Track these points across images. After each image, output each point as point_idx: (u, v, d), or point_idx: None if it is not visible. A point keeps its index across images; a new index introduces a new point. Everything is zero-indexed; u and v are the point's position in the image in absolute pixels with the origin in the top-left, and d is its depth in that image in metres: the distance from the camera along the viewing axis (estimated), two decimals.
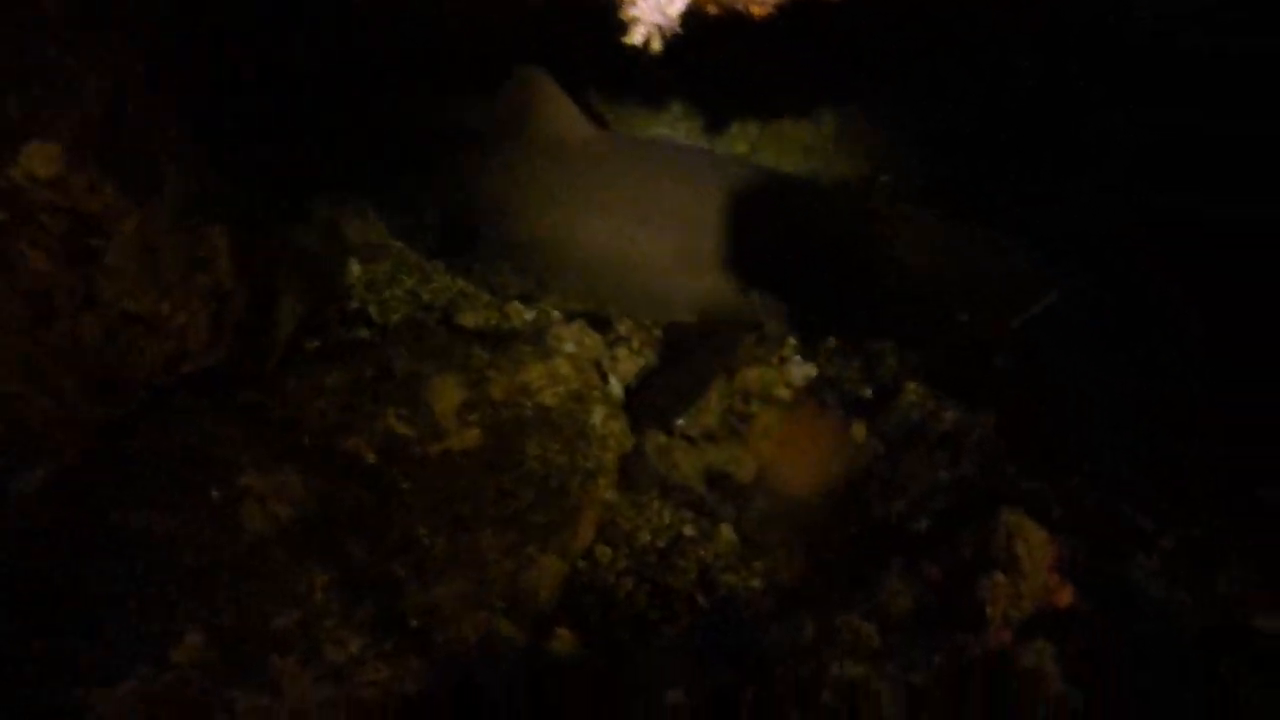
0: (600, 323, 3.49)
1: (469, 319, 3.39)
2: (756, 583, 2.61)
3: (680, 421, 3.11)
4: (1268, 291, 2.57)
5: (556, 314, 3.52)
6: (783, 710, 2.05)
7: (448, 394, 2.53)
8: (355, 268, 3.66)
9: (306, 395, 2.47)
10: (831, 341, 3.45)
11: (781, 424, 3.01)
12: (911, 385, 3.07)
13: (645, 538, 2.74)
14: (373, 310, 3.29)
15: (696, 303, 3.24)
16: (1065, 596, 2.32)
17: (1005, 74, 4.24)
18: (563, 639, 2.20)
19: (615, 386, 2.93)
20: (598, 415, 2.68)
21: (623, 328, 3.47)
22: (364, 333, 3.24)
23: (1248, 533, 2.14)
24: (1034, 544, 2.30)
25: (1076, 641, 2.25)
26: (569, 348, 2.88)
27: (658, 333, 3.42)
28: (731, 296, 3.19)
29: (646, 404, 3.04)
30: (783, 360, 3.38)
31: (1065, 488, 2.62)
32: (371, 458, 2.36)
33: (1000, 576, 2.23)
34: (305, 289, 3.30)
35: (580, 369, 2.78)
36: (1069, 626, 2.28)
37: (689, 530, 2.77)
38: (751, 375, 3.30)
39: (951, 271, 2.87)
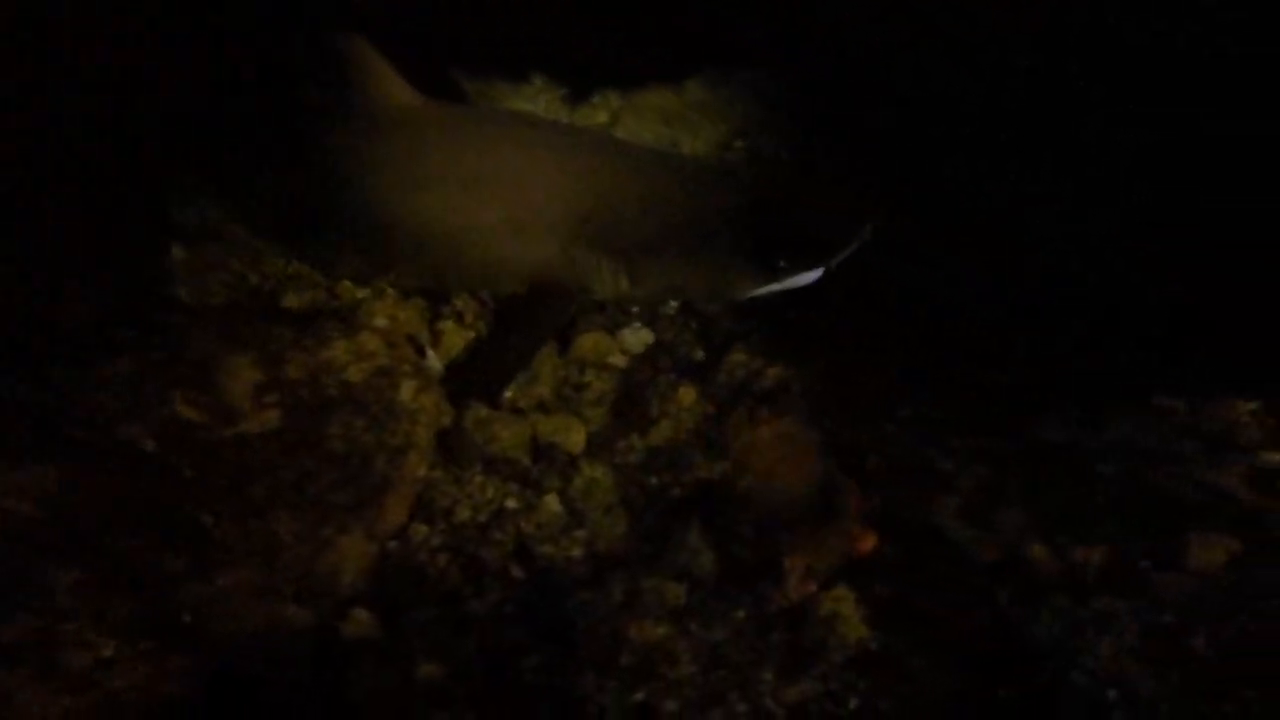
0: (436, 298, 3.41)
1: (293, 301, 3.24)
2: (577, 551, 2.58)
3: (508, 394, 3.05)
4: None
5: (392, 291, 3.40)
6: (578, 674, 2.03)
7: (242, 375, 2.42)
8: (178, 252, 3.46)
9: (81, 385, 2.32)
10: (672, 307, 3.44)
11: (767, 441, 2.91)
12: (740, 345, 3.07)
13: (465, 513, 2.67)
14: (183, 294, 3.11)
15: (528, 273, 3.16)
16: (868, 543, 2.35)
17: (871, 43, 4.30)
18: (358, 621, 2.13)
19: (434, 360, 2.84)
20: (407, 390, 2.60)
21: (458, 301, 3.39)
22: (174, 318, 3.06)
23: (1026, 469, 2.20)
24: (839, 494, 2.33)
25: (879, 586, 2.29)
26: (380, 323, 2.78)
27: (493, 305, 3.35)
28: (564, 265, 3.12)
29: (472, 377, 2.97)
30: (621, 327, 3.36)
31: (879, 436, 2.66)
32: (151, 445, 2.23)
33: (802, 528, 2.25)
34: (110, 274, 3.11)
35: (392, 344, 2.69)
36: (873, 572, 2.32)
37: (511, 503, 2.72)
38: (587, 343, 3.26)
39: (767, 219, 2.87)
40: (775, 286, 3.02)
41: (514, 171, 3.15)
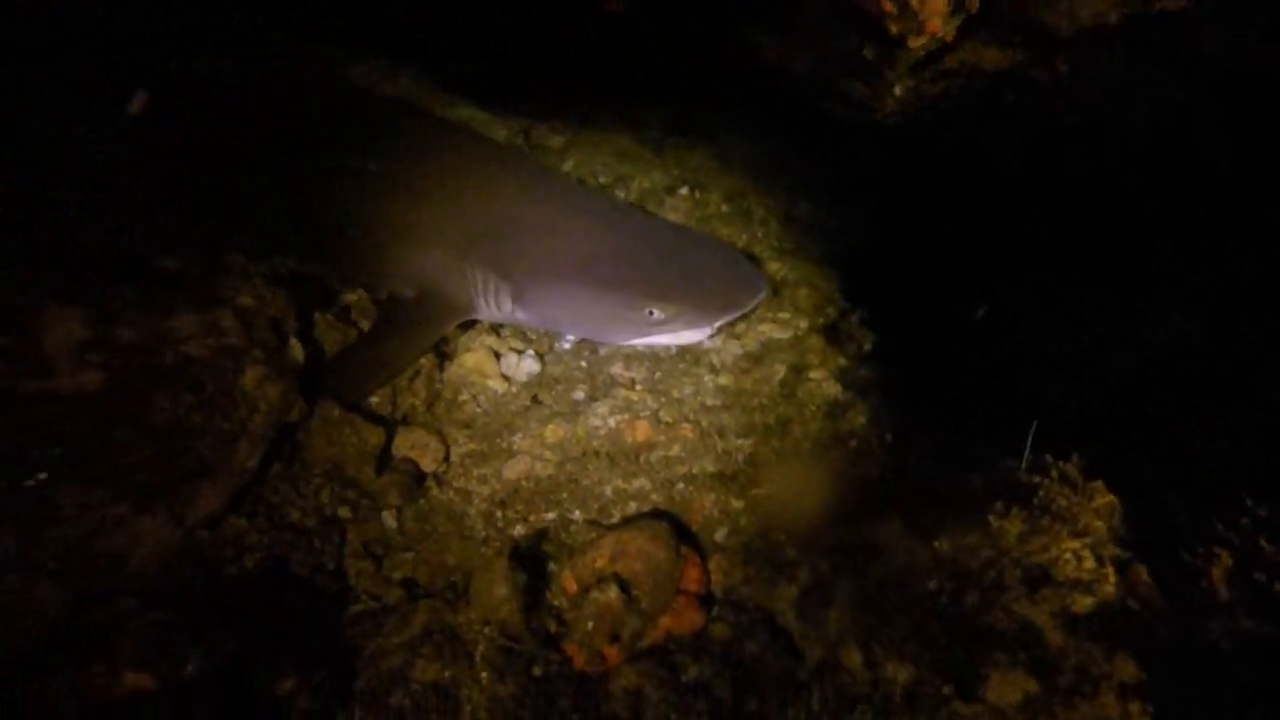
0: (327, 288, 3.28)
1: (170, 262, 3.06)
2: (396, 574, 2.44)
3: (374, 399, 2.91)
4: None
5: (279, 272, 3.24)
6: (342, 708, 1.88)
7: (63, 329, 2.25)
8: None
9: None
10: (568, 342, 3.33)
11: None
12: (620, 392, 2.98)
13: (294, 515, 2.52)
14: None
15: (414, 277, 3.06)
16: (691, 622, 2.25)
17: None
18: (118, 608, 1.96)
19: (296, 349, 2.69)
20: (251, 375, 2.45)
21: (349, 295, 3.26)
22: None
23: (859, 571, 2.12)
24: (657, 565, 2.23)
25: (692, 668, 2.18)
26: (244, 301, 2.63)
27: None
28: (455, 277, 3.02)
29: (337, 375, 2.83)
30: (509, 351, 3.24)
31: (729, 511, 2.57)
32: None
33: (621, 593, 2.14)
34: None
35: (249, 324, 2.54)
36: (691, 652, 2.20)
37: (344, 512, 2.57)
38: (469, 361, 3.14)
39: (658, 271, 2.82)
40: (654, 339, 2.95)
41: (421, 176, 3.06)
